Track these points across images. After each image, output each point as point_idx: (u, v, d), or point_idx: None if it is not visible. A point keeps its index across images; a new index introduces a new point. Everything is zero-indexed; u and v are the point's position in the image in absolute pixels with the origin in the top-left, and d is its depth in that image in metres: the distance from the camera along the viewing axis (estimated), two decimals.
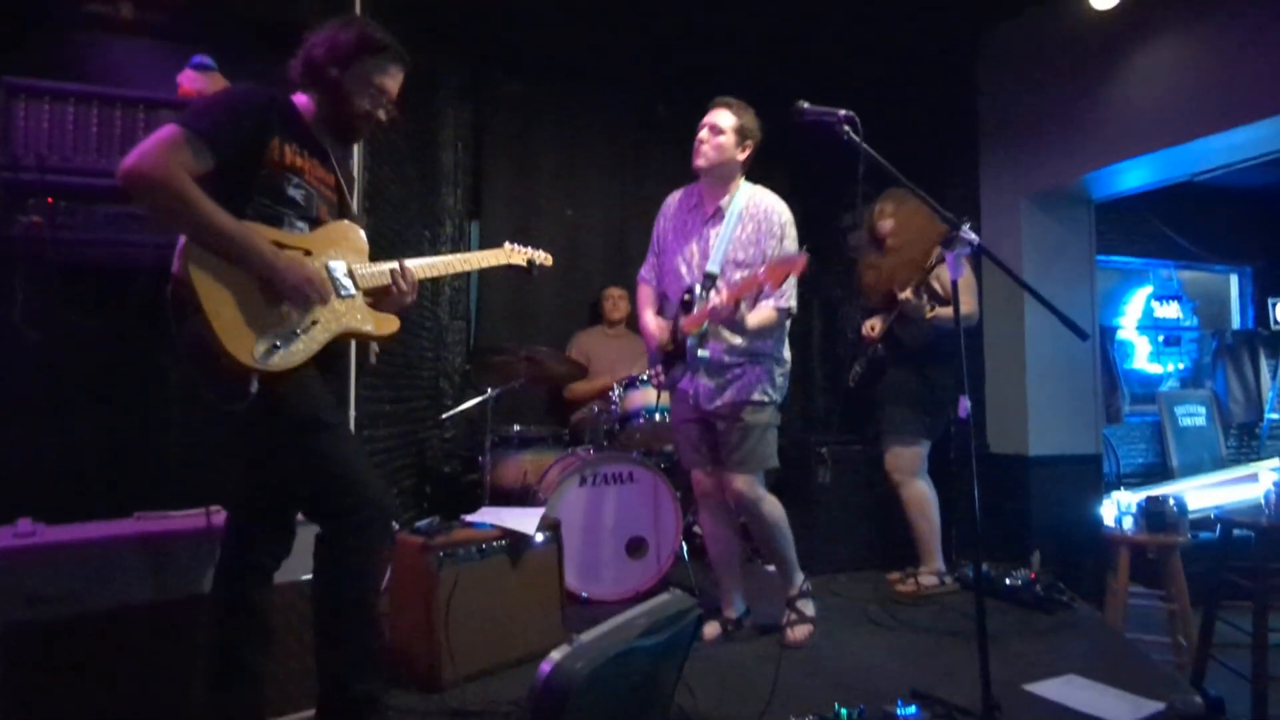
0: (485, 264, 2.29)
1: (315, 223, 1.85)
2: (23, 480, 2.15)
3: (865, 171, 2.14)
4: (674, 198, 2.87)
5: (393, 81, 1.90)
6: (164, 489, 2.14)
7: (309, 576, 1.85)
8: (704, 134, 2.65)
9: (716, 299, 2.47)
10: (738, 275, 2.61)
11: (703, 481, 2.84)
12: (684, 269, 2.72)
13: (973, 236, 2.03)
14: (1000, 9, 4.16)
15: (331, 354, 1.88)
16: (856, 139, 2.12)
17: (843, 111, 2.16)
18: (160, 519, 2.04)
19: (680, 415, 2.83)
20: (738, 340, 2.63)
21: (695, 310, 2.58)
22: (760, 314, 2.58)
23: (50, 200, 2.14)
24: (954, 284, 2.11)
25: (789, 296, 2.64)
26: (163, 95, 2.30)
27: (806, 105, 2.27)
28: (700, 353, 2.57)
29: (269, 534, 1.86)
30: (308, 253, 1.79)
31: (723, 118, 2.65)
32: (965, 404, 2.03)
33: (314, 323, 1.75)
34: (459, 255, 2.20)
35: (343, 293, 1.84)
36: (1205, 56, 3.43)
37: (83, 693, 1.83)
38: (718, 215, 2.70)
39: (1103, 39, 3.75)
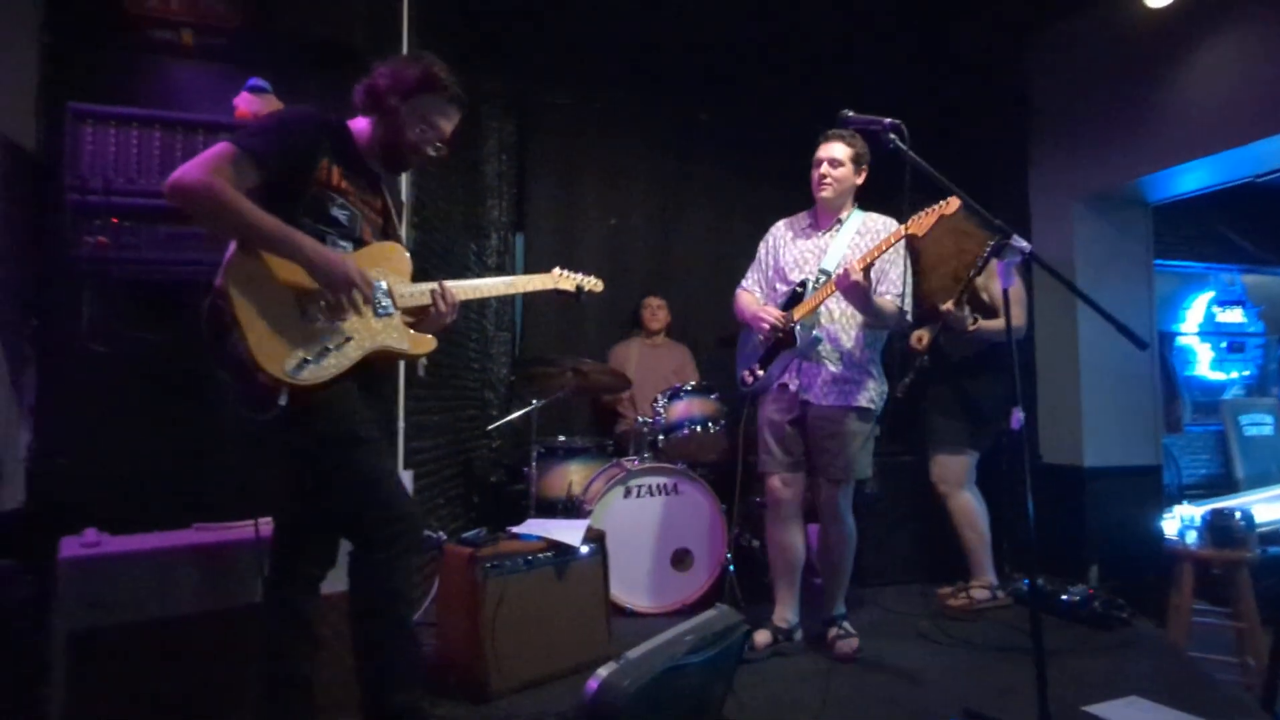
0: (532, 288, 2.29)
1: (359, 243, 1.90)
2: (89, 492, 2.25)
3: (912, 180, 2.12)
4: (783, 223, 2.99)
5: (447, 122, 1.96)
6: (222, 501, 2.20)
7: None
8: (824, 168, 2.75)
9: (847, 266, 2.53)
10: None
11: (779, 489, 2.83)
12: (795, 273, 2.82)
13: (1024, 244, 1.98)
14: (1051, 9, 4.07)
15: (377, 373, 1.92)
16: (904, 147, 2.10)
17: (888, 120, 2.14)
18: (217, 530, 2.11)
19: (773, 413, 2.82)
20: (848, 343, 2.74)
21: (808, 299, 2.69)
22: (879, 300, 2.67)
23: (115, 221, 2.22)
24: (1005, 293, 2.05)
25: (907, 296, 2.74)
26: (221, 118, 2.38)
27: (851, 114, 2.26)
28: (815, 333, 2.68)
29: (314, 545, 1.89)
30: None
31: (838, 150, 2.75)
32: (1019, 415, 1.98)
33: (347, 339, 1.79)
34: (505, 279, 2.22)
35: (380, 311, 1.87)
36: (1265, 54, 3.30)
37: (143, 697, 1.90)
38: (834, 227, 2.83)
39: (1157, 38, 3.65)
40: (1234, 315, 6.05)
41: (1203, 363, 6.01)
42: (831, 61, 4.34)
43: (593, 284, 2.43)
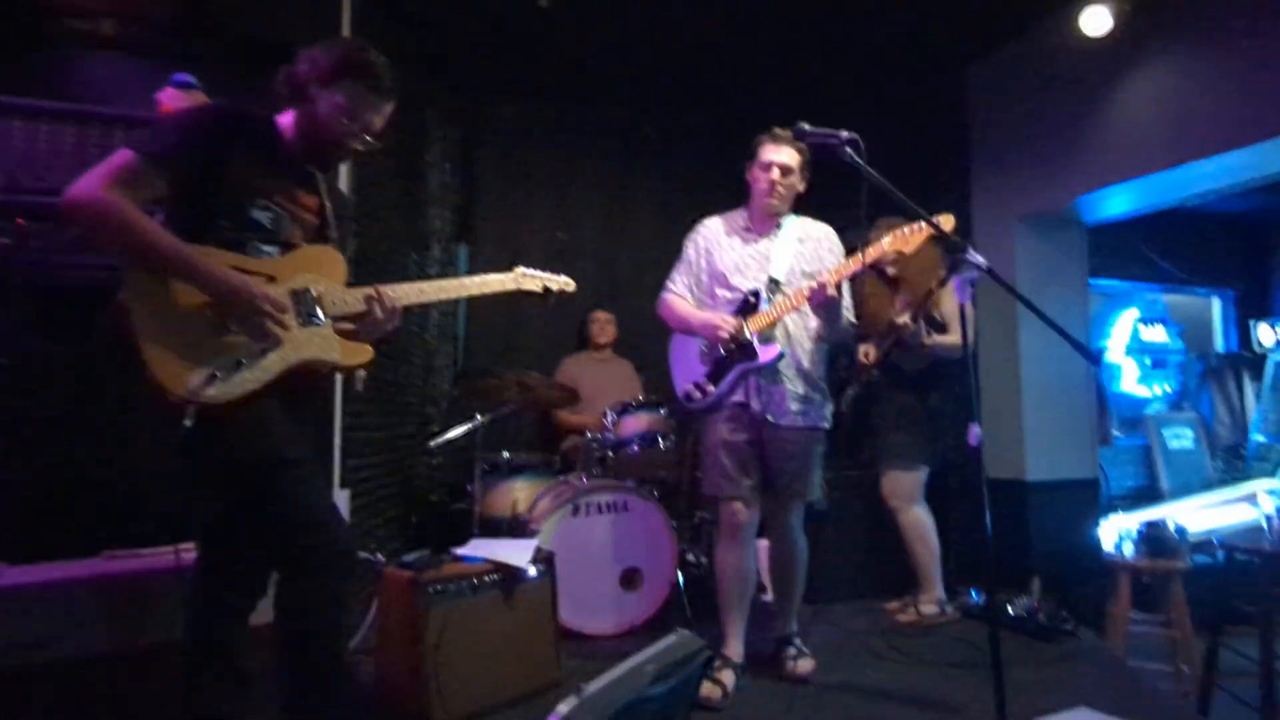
0: (489, 290, 2.11)
1: (286, 246, 1.76)
2: None
3: (861, 193, 2.11)
4: (715, 221, 2.81)
5: (373, 113, 1.79)
6: (137, 525, 2.03)
7: None
8: (775, 174, 2.61)
9: (822, 279, 2.45)
10: (805, 284, 2.58)
11: (740, 513, 2.61)
12: (738, 278, 2.67)
13: (981, 260, 1.99)
14: (992, 36, 4.19)
15: (307, 387, 1.79)
16: (860, 162, 2.09)
17: (845, 134, 2.13)
18: (132, 558, 1.94)
19: (729, 433, 2.60)
20: (807, 361, 2.65)
21: (766, 310, 2.57)
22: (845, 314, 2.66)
23: (20, 221, 2.05)
24: (962, 309, 2.06)
25: (852, 308, 2.73)
26: (144, 114, 2.22)
27: (807, 126, 2.24)
28: (781, 348, 2.56)
29: (240, 573, 1.75)
30: (271, 279, 1.70)
31: (790, 157, 2.62)
32: (976, 431, 1.97)
33: (265, 351, 1.66)
34: (456, 280, 2.06)
35: (306, 320, 1.75)
36: (1191, 84, 3.45)
37: None
38: (773, 233, 2.71)
39: (1093, 66, 3.78)
40: (1157, 333, 6.32)
41: (1128, 378, 6.25)
42: (775, 80, 4.36)
43: (563, 284, 2.28)
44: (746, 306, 2.61)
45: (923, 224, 2.28)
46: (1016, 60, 4.20)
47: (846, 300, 2.69)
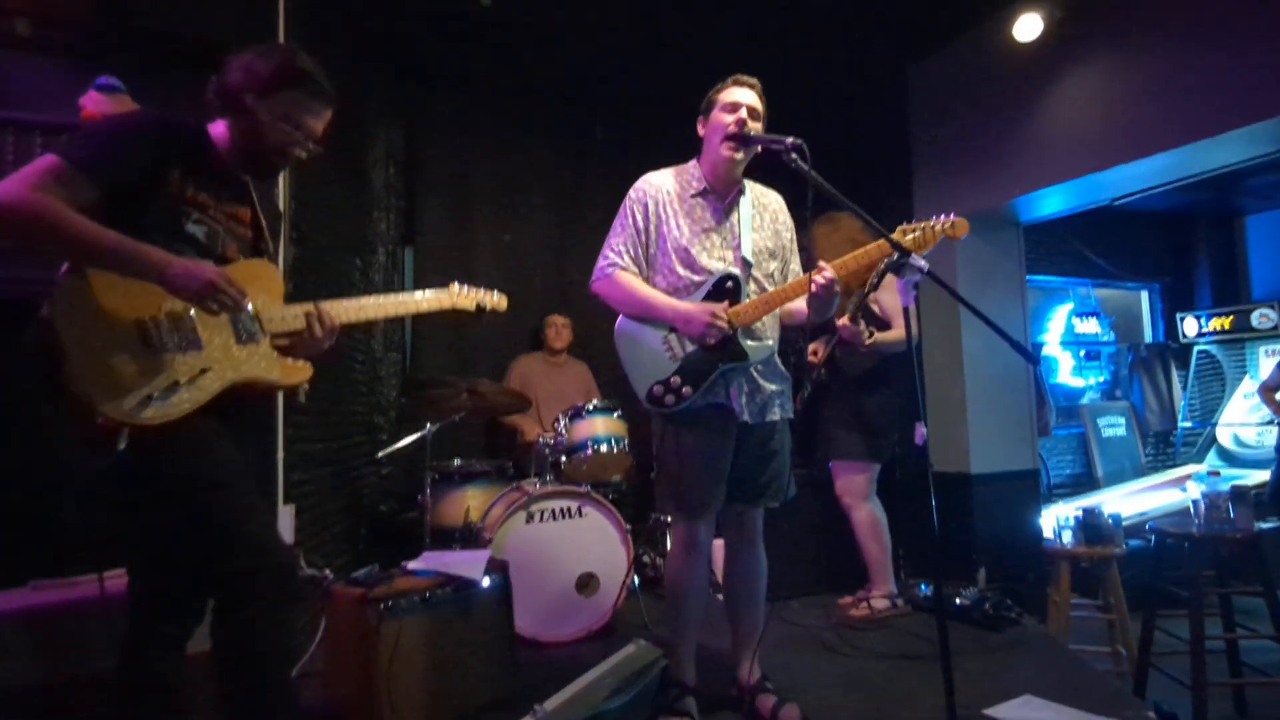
0: (426, 308, 2.07)
1: (221, 261, 1.69)
2: None
3: (804, 196, 2.11)
4: (663, 181, 2.38)
5: (315, 119, 1.75)
6: (65, 554, 1.93)
7: None
8: (744, 114, 2.24)
9: (827, 272, 2.14)
10: (772, 265, 2.36)
11: (704, 531, 2.32)
12: (705, 258, 2.27)
13: (923, 263, 2.02)
14: (929, 40, 4.29)
15: (246, 402, 1.72)
16: (805, 167, 2.10)
17: (790, 139, 2.13)
18: (60, 587, 1.84)
19: (709, 442, 2.24)
20: (774, 351, 2.32)
21: (751, 300, 2.22)
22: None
23: None
24: (905, 311, 2.09)
25: None
26: (64, 119, 2.11)
27: (753, 132, 2.25)
28: (771, 345, 2.28)
29: (175, 600, 1.67)
30: None
31: (755, 99, 2.28)
32: (922, 431, 2.01)
33: (203, 371, 1.59)
34: (394, 297, 2.00)
35: (245, 337, 1.69)
36: (1118, 90, 3.60)
37: None
38: (733, 202, 2.35)
39: (1026, 70, 3.91)
40: (1090, 326, 6.57)
41: (1064, 370, 6.48)
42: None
43: (496, 301, 2.26)
44: (723, 293, 2.23)
45: (934, 225, 2.20)
46: (954, 64, 4.31)
47: None
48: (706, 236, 2.31)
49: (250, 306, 1.69)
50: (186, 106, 1.74)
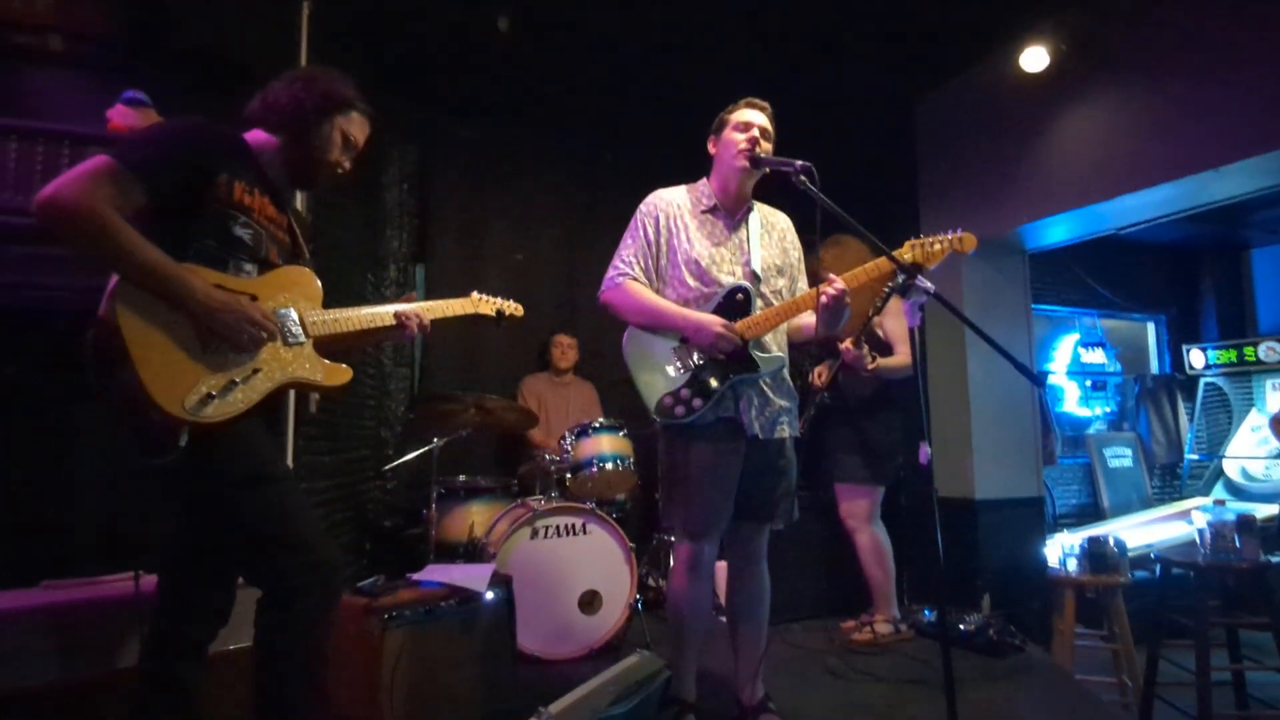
0: (449, 313, 2.15)
1: (265, 265, 1.76)
2: None
3: (812, 220, 2.14)
4: (675, 196, 2.43)
5: (360, 132, 1.90)
6: (77, 554, 1.95)
7: (243, 645, 1.69)
8: (756, 134, 2.30)
9: (838, 284, 2.17)
10: (780, 282, 2.40)
11: (709, 551, 2.30)
12: (716, 270, 2.30)
13: (929, 285, 2.05)
14: (937, 72, 4.36)
15: (272, 405, 1.76)
16: (814, 190, 2.14)
17: (799, 162, 2.17)
18: (72, 587, 1.86)
19: (717, 456, 2.22)
20: (784, 365, 2.34)
21: (762, 312, 2.25)
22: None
23: None
24: (912, 332, 2.11)
25: None
26: (91, 130, 2.18)
27: (763, 154, 2.30)
28: (782, 357, 2.30)
29: (206, 601, 1.71)
30: (253, 298, 1.69)
31: (766, 121, 2.35)
32: (926, 451, 2.01)
33: (255, 371, 1.65)
34: (420, 304, 2.07)
35: (291, 340, 1.74)
36: (1124, 122, 3.64)
37: None
38: (742, 219, 2.40)
39: (1034, 100, 3.96)
40: (1096, 356, 6.57)
41: (1070, 399, 6.47)
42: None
43: (514, 308, 2.36)
44: (734, 306, 2.26)
45: (946, 239, 2.28)
46: (962, 96, 4.38)
47: None
48: (717, 250, 2.34)
49: (294, 312, 1.76)
50: (216, 118, 1.80)
